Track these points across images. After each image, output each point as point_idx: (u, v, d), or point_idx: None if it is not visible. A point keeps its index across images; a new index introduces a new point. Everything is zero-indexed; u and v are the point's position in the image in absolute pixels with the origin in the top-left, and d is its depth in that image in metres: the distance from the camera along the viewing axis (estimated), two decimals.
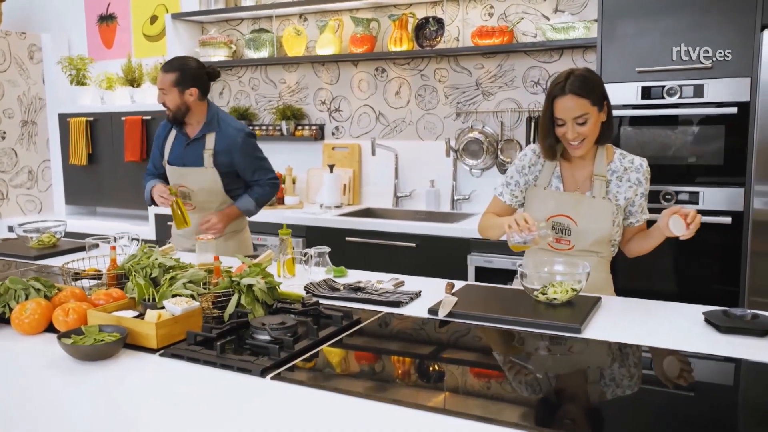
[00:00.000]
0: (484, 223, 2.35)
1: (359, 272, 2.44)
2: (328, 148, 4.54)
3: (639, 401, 1.36)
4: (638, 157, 2.21)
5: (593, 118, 2.09)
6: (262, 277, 1.85)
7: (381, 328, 1.81)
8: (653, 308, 1.94)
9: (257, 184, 3.14)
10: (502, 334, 1.74)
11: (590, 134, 2.11)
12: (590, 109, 2.08)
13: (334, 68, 4.48)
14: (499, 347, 1.70)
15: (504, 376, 1.50)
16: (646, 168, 2.19)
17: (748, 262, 2.94)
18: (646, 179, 2.19)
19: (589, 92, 2.08)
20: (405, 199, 4.33)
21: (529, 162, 2.28)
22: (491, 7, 3.95)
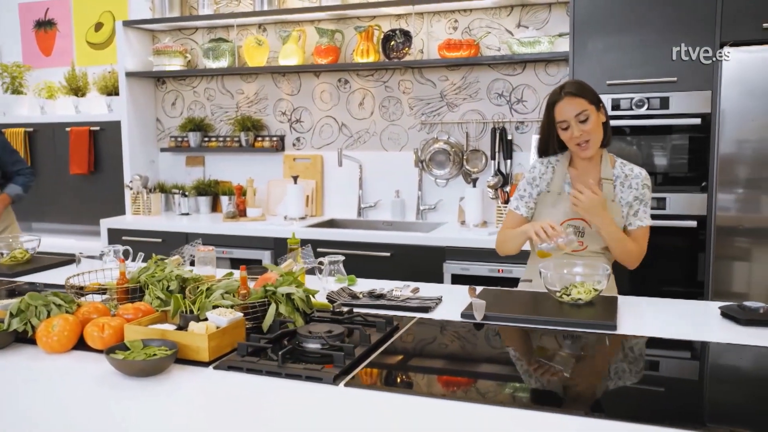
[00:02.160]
0: (501, 238, 2.42)
1: (366, 281, 2.44)
2: (289, 159, 4.50)
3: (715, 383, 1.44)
4: (637, 167, 2.34)
5: (594, 116, 2.20)
6: (296, 286, 1.83)
7: (423, 332, 1.83)
8: (667, 305, 2.05)
9: (19, 174, 3.70)
10: (541, 334, 1.79)
11: (594, 133, 2.21)
12: (588, 107, 2.19)
13: (295, 79, 4.45)
14: (546, 345, 1.74)
15: (565, 370, 1.54)
16: (646, 176, 2.31)
17: (711, 264, 3.14)
18: (647, 186, 2.29)
19: (584, 92, 2.22)
20: (369, 209, 4.34)
21: (539, 173, 2.37)
22: (455, 21, 4.05)
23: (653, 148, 3.23)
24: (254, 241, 3.95)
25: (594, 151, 2.26)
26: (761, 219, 3.05)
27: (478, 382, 1.51)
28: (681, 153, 3.19)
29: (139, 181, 4.46)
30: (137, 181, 4.46)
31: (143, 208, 4.47)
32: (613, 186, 2.28)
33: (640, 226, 2.27)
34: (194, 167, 4.72)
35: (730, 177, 3.07)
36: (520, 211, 2.40)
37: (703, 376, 1.56)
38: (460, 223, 4.02)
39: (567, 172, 2.33)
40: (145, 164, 4.69)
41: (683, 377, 1.55)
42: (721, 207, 3.10)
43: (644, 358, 1.68)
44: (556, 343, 1.74)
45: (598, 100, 2.24)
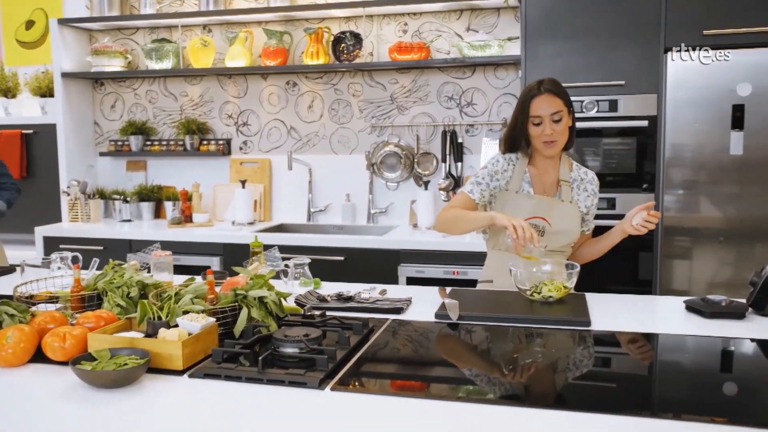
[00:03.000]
0: (451, 216, 2.26)
1: (331, 284, 2.39)
2: (236, 163, 4.40)
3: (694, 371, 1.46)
4: (590, 170, 2.41)
5: (566, 119, 2.24)
6: (267, 289, 1.76)
7: (400, 333, 1.80)
8: (634, 301, 2.09)
9: (3, 188, 3.49)
10: (518, 332, 1.79)
11: (562, 135, 2.25)
12: (563, 109, 2.23)
13: (242, 81, 4.36)
14: (525, 343, 1.74)
15: (551, 366, 1.54)
16: (597, 183, 2.40)
17: (659, 263, 3.23)
18: (596, 192, 2.39)
19: (561, 93, 2.26)
20: (319, 213, 4.28)
21: (501, 168, 2.35)
22: (405, 24, 4.05)
23: (603, 149, 3.31)
24: (202, 248, 3.84)
25: (557, 152, 2.29)
26: (703, 219, 3.17)
27: (468, 381, 1.49)
28: (629, 154, 3.28)
29: (76, 187, 4.26)
30: (75, 186, 4.26)
31: (81, 215, 4.27)
32: (570, 188, 2.32)
33: (592, 229, 2.43)
34: (136, 172, 4.55)
35: (675, 178, 3.18)
36: (473, 195, 2.32)
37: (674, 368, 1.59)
38: (412, 226, 4.01)
39: (526, 171, 2.34)
40: (82, 169, 4.48)
41: (663, 369, 1.58)
42: (668, 207, 3.20)
43: (621, 352, 1.70)
44: (535, 341, 1.74)
45: (570, 103, 2.27)
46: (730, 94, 3.08)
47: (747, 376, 1.55)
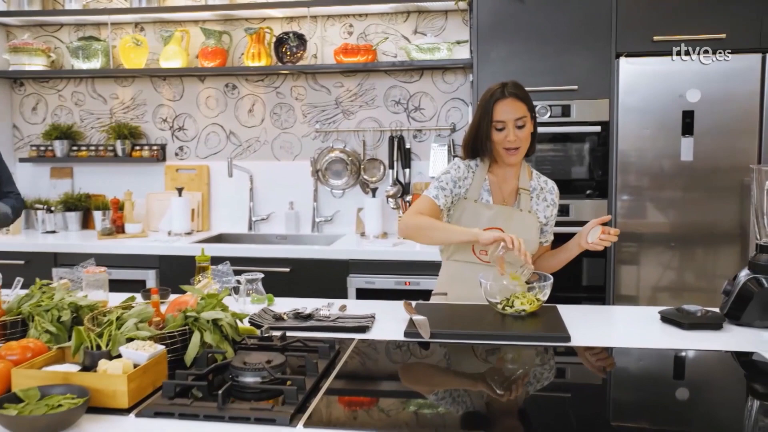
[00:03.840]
0: (422, 223, 2.11)
1: (285, 300, 2.22)
2: (172, 170, 4.15)
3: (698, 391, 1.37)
4: (549, 180, 2.31)
5: (529, 125, 2.14)
6: (221, 309, 1.59)
7: (369, 355, 1.65)
8: (606, 312, 2.01)
9: (8, 197, 2.90)
10: (496, 350, 1.67)
11: (525, 142, 2.15)
12: (527, 114, 2.13)
13: (178, 83, 4.11)
14: (507, 363, 1.62)
15: (543, 390, 1.43)
16: (557, 193, 2.30)
17: (613, 270, 3.20)
18: (556, 203, 2.29)
19: (526, 98, 2.16)
20: (261, 223, 4.09)
21: (462, 175, 2.23)
22: (351, 26, 3.91)
23: (556, 155, 3.26)
24: (135, 260, 3.57)
25: (519, 159, 2.19)
26: (655, 224, 3.16)
27: (451, 408, 1.35)
28: (582, 160, 3.24)
29: None
30: None
31: None
32: (530, 197, 2.22)
33: (551, 241, 2.33)
34: (61, 179, 4.23)
35: (627, 184, 3.15)
36: (439, 201, 2.18)
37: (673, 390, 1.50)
38: (360, 235, 3.87)
39: (486, 179, 2.24)
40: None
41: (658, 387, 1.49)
42: (621, 213, 3.18)
43: (611, 369, 1.60)
44: (516, 360, 1.62)
45: (533, 109, 2.18)
46: (680, 100, 3.08)
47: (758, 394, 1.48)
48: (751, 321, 1.78)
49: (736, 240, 3.09)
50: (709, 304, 3.20)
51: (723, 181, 3.08)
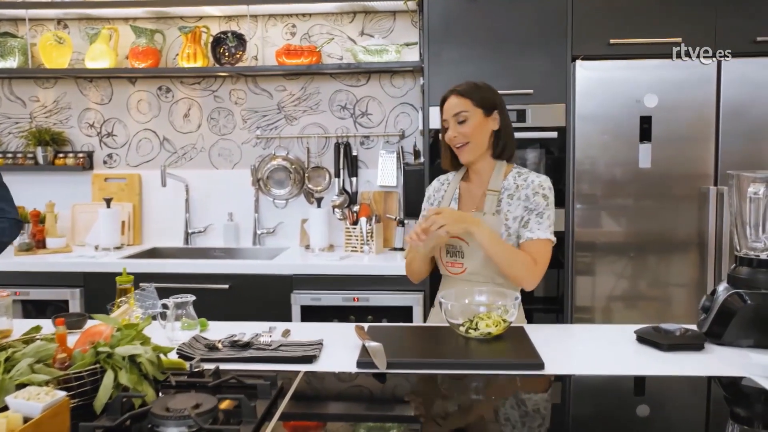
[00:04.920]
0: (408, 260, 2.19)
1: (219, 324, 1.98)
2: (100, 179, 3.83)
3: None
4: (538, 176, 2.03)
5: (475, 120, 2.00)
6: (141, 342, 1.34)
7: (317, 392, 1.43)
8: (576, 332, 1.85)
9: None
10: (464, 383, 1.47)
11: (473, 137, 2.00)
12: (471, 109, 1.99)
13: (106, 85, 3.81)
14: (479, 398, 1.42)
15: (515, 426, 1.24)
16: (540, 184, 1.99)
17: (571, 281, 3.07)
18: (540, 194, 1.98)
19: (472, 93, 2.01)
20: (198, 235, 3.81)
21: (434, 190, 2.18)
22: (293, 26, 3.69)
23: None
24: (57, 278, 3.25)
25: (472, 157, 2.03)
26: (613, 234, 3.04)
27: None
28: (539, 167, 3.10)
29: None
30: None
31: None
32: (498, 199, 2.02)
33: (530, 239, 1.94)
34: None
35: (584, 192, 3.03)
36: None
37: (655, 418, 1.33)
38: (305, 248, 3.64)
39: (458, 187, 2.12)
40: None
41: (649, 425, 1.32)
42: (579, 222, 3.05)
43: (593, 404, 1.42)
44: (487, 394, 1.43)
45: (491, 106, 2.02)
46: (638, 105, 2.97)
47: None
48: (734, 340, 1.64)
49: (694, 249, 3.00)
50: (671, 314, 3.15)
51: (681, 189, 2.99)
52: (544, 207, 1.96)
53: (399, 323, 1.99)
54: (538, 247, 1.93)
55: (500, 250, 1.89)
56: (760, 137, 2.94)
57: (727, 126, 2.94)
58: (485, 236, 1.88)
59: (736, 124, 2.93)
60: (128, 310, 1.65)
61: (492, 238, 1.89)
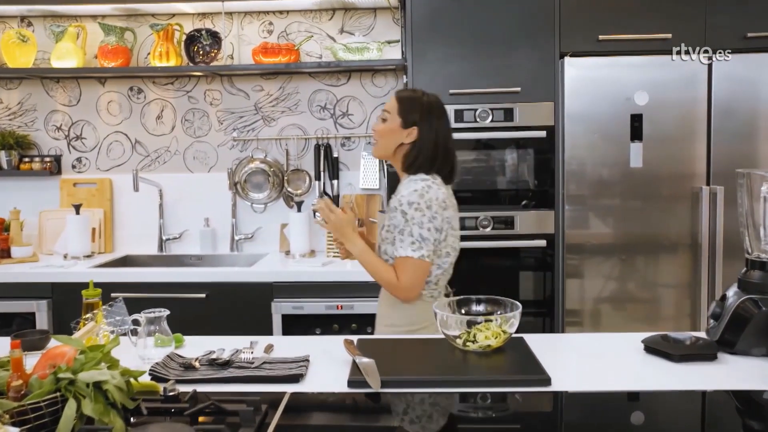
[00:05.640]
0: None
1: (194, 338, 1.84)
2: (68, 184, 3.65)
3: None
4: (407, 188, 1.98)
5: (393, 124, 2.05)
6: (108, 366, 1.20)
7: (306, 418, 1.30)
8: (579, 342, 1.74)
9: None
10: (466, 402, 1.35)
11: (383, 138, 2.07)
12: (394, 114, 2.06)
13: (74, 86, 3.63)
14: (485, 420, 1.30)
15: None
16: (398, 200, 1.98)
17: (562, 283, 2.97)
18: (399, 212, 1.95)
19: (405, 102, 2.07)
20: (173, 242, 3.65)
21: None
22: (270, 24, 3.56)
23: (499, 163, 3.01)
24: (24, 289, 3.08)
25: (378, 154, 2.13)
26: (605, 235, 2.95)
27: None
28: (528, 168, 3.00)
29: None
30: None
31: None
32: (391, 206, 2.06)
33: (394, 257, 1.98)
34: None
35: (575, 193, 2.94)
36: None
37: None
38: (285, 254, 3.50)
39: None
40: None
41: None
42: (569, 224, 2.95)
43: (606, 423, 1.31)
44: (492, 413, 1.31)
45: (411, 122, 2.03)
46: (628, 103, 2.89)
47: None
48: (748, 349, 1.54)
49: (687, 250, 2.92)
50: (664, 317, 3.06)
51: (673, 189, 2.91)
52: (403, 224, 1.95)
53: (390, 335, 1.85)
54: (399, 264, 1.97)
55: (366, 264, 2.03)
56: (753, 135, 2.88)
57: (719, 124, 2.87)
58: (356, 252, 2.04)
59: (728, 122, 2.86)
60: (95, 328, 1.51)
61: (361, 252, 2.02)
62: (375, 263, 2.00)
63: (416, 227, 1.92)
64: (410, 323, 1.98)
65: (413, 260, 1.92)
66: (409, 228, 1.92)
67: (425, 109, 2.04)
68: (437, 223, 1.95)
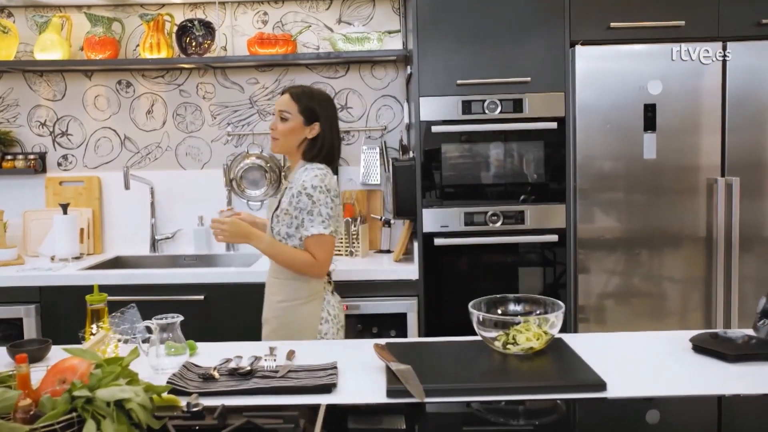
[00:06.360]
0: None
1: (206, 345, 1.71)
2: (54, 182, 3.49)
3: None
4: (308, 173, 2.17)
5: (293, 123, 2.20)
6: (128, 381, 1.07)
7: None
8: (620, 342, 1.64)
9: None
10: (521, 412, 1.25)
11: (283, 135, 2.21)
12: (294, 113, 2.20)
13: (59, 80, 3.47)
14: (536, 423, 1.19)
15: None
16: (301, 184, 2.15)
17: (573, 279, 2.88)
18: (304, 194, 2.14)
19: (300, 99, 2.22)
20: (166, 242, 3.50)
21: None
22: (265, 14, 3.42)
23: (508, 155, 2.90)
24: (9, 294, 2.92)
25: (277, 151, 2.29)
26: (618, 229, 2.86)
27: None
28: (538, 160, 2.90)
29: None
30: None
31: None
32: (289, 190, 2.22)
33: (305, 236, 2.16)
34: None
35: (586, 186, 2.84)
36: None
37: None
38: None
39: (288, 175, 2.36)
40: None
41: None
42: (581, 218, 2.86)
43: None
44: (552, 423, 1.20)
45: (313, 118, 2.21)
46: (641, 93, 2.80)
47: None
48: None
49: (701, 242, 2.84)
50: (679, 311, 2.98)
51: (687, 181, 2.83)
52: (311, 206, 2.13)
53: (416, 338, 1.74)
54: (313, 242, 2.13)
55: (278, 255, 2.17)
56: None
57: (734, 113, 2.79)
58: (263, 248, 2.18)
59: (743, 111, 2.78)
60: (105, 338, 1.37)
61: (269, 246, 2.17)
62: (287, 250, 2.16)
63: (323, 207, 2.13)
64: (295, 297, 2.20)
65: (326, 237, 2.13)
66: (318, 208, 2.12)
67: (323, 105, 2.24)
68: (335, 207, 2.18)
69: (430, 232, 2.87)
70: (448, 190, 2.89)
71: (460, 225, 2.88)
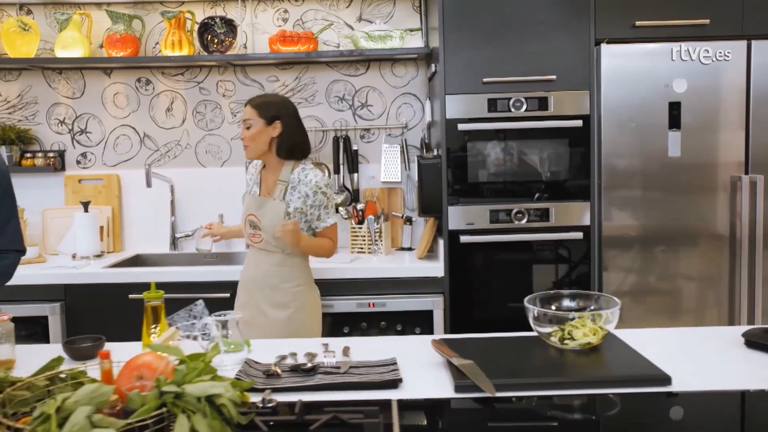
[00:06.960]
0: None
1: (256, 342, 1.71)
2: (73, 180, 3.48)
3: None
4: (315, 175, 2.43)
5: (257, 128, 2.40)
6: (211, 377, 1.08)
7: (426, 426, 1.19)
8: (675, 335, 1.66)
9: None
10: (589, 405, 1.26)
11: (251, 140, 2.41)
12: (255, 119, 2.41)
13: (78, 77, 3.45)
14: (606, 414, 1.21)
15: None
16: (317, 183, 2.41)
17: (598, 277, 2.90)
18: (320, 192, 2.42)
19: (260, 107, 2.42)
20: (186, 240, 3.50)
21: (249, 175, 2.64)
22: (285, 12, 3.42)
23: (534, 153, 2.92)
24: (34, 292, 2.91)
25: (251, 156, 2.47)
26: (642, 227, 2.88)
27: None
28: (563, 158, 2.92)
29: None
30: None
31: None
32: (285, 188, 2.42)
33: (324, 227, 2.47)
34: None
35: (611, 183, 2.86)
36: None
37: None
38: None
39: (260, 174, 2.54)
40: None
41: None
42: (606, 215, 2.88)
43: None
44: (625, 416, 1.21)
45: (273, 118, 2.41)
46: (666, 91, 2.82)
47: None
48: None
49: (725, 240, 2.87)
50: (712, 310, 3.00)
51: (711, 178, 2.85)
52: (326, 201, 2.45)
53: (470, 335, 1.74)
54: (330, 230, 2.49)
55: (313, 247, 2.46)
56: None
57: (758, 110, 2.81)
58: (304, 244, 2.40)
59: (767, 109, 2.81)
60: (175, 335, 1.37)
61: (308, 241, 2.42)
62: (317, 242, 2.46)
63: (331, 201, 2.47)
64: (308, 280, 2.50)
65: (336, 224, 2.50)
66: (329, 202, 2.46)
67: (280, 104, 2.45)
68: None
69: (455, 230, 2.88)
70: (474, 187, 2.90)
71: (486, 222, 2.89)
